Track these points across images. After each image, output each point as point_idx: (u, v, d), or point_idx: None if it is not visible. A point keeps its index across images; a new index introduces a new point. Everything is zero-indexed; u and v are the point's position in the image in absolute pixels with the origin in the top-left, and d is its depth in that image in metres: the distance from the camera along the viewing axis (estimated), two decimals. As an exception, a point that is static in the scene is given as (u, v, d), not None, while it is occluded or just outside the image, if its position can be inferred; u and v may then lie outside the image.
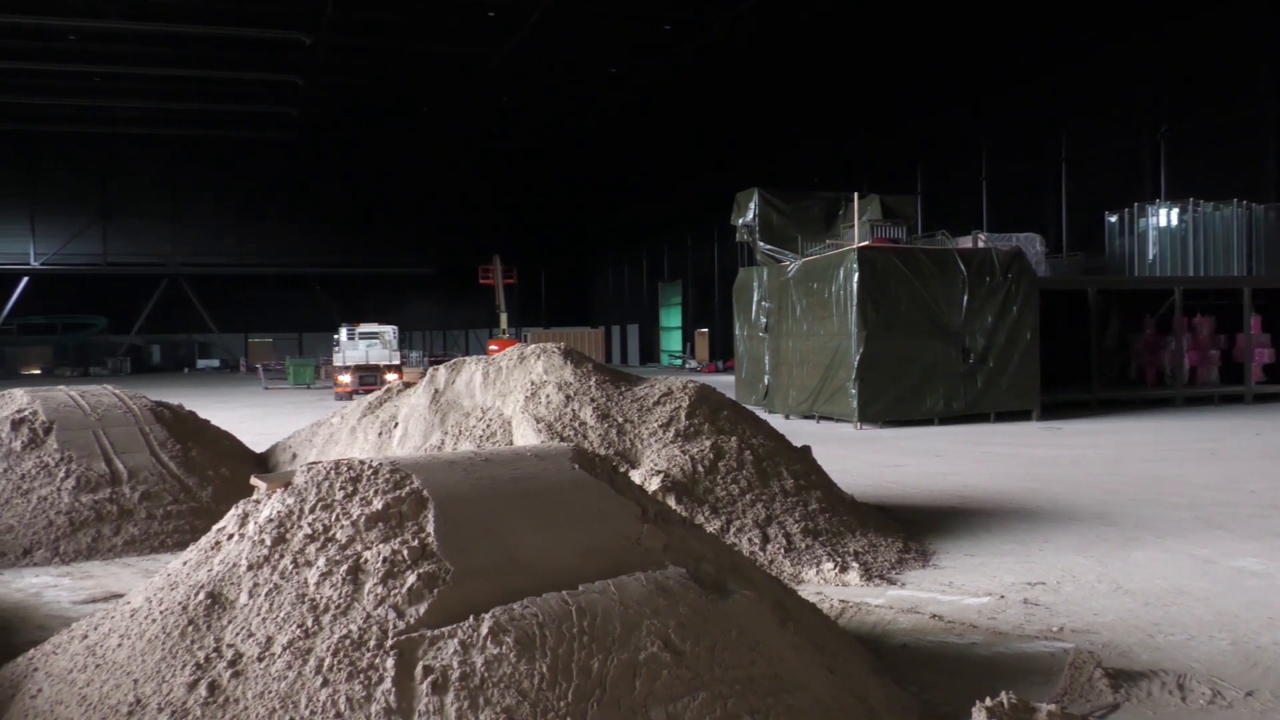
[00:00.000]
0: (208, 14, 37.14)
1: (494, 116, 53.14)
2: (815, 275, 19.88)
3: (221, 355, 62.75)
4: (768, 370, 22.12)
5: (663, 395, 8.62)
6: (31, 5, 35.74)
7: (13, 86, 46.73)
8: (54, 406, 9.46)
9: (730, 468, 7.70)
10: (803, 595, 5.38)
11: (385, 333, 33.27)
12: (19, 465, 8.62)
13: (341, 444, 10.36)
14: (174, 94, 48.59)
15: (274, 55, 41.99)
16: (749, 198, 23.02)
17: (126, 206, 60.72)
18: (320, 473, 4.22)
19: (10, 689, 4.09)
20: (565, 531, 4.17)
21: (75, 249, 60.17)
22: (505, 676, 3.34)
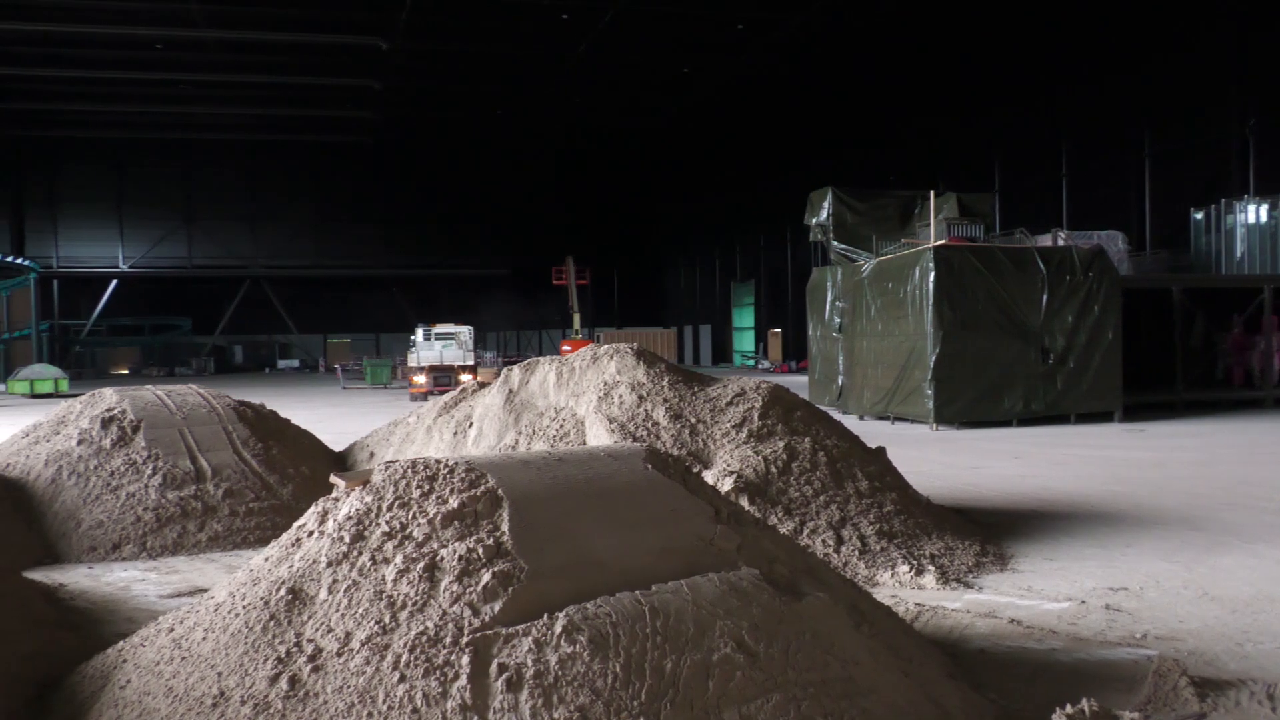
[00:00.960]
0: (289, 22, 37.94)
1: (567, 117, 53.44)
2: (890, 274, 19.66)
3: (301, 356, 63.98)
4: (842, 371, 21.93)
5: (736, 396, 8.59)
6: (122, 16, 36.84)
7: (103, 95, 48.20)
8: (142, 405, 9.72)
9: (804, 469, 7.65)
10: (877, 598, 5.32)
11: (461, 333, 33.14)
12: (109, 462, 8.87)
13: (418, 443, 10.50)
14: (256, 100, 49.68)
15: (352, 61, 42.72)
16: (823, 197, 22.85)
17: (210, 210, 62.24)
18: (398, 471, 4.27)
19: (100, 680, 4.21)
20: (638, 531, 4.18)
21: (161, 252, 61.84)
22: (579, 675, 3.36)
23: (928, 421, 18.31)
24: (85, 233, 60.97)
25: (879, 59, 38.60)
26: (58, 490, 8.63)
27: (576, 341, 44.55)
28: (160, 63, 43.17)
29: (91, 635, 5.59)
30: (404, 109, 51.30)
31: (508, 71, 45.03)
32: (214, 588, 4.64)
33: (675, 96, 48.49)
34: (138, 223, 61.51)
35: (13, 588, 5.86)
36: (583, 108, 51.36)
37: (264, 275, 62.57)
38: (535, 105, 50.64)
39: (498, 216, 64.25)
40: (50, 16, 36.87)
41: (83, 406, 9.82)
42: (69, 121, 53.57)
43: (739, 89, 45.82)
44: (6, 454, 9.53)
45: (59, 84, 46.31)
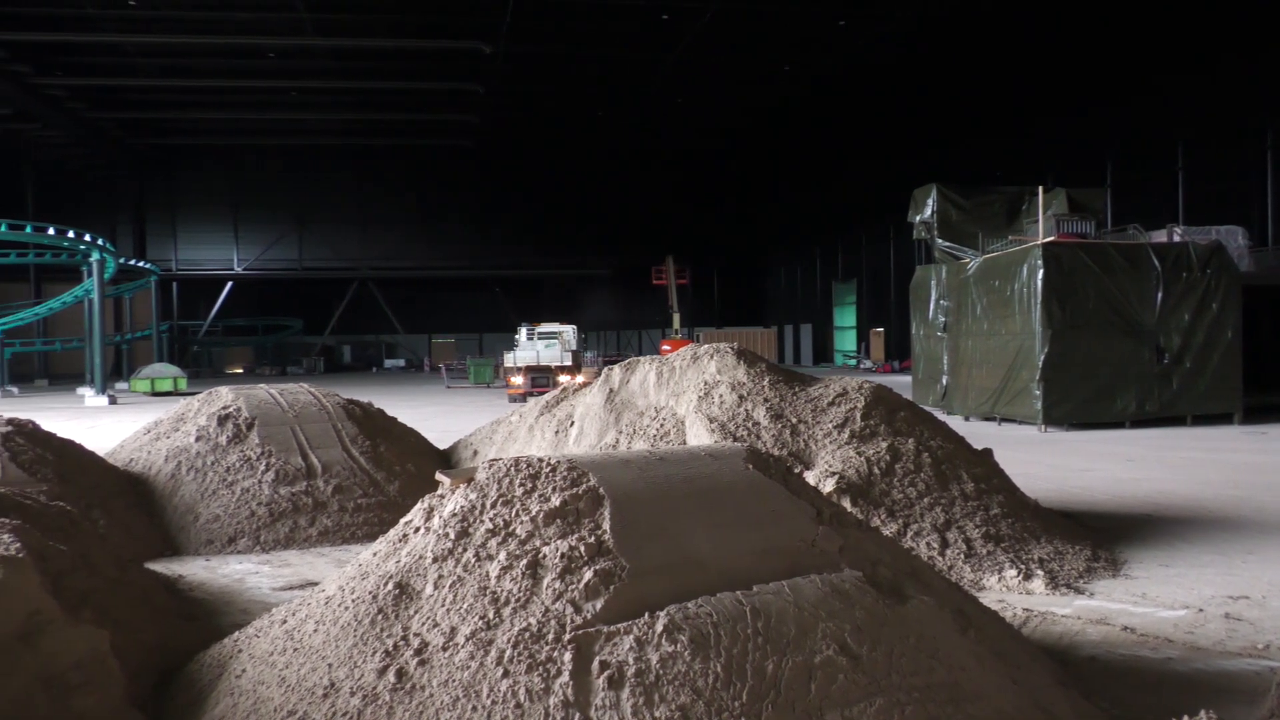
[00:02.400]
0: (395, 28, 38.73)
1: (667, 117, 53.48)
2: (997, 272, 19.26)
3: (407, 355, 65.28)
4: (946, 370, 21.55)
5: (837, 396, 8.50)
6: (237, 26, 38.06)
7: (219, 103, 49.84)
8: (255, 404, 10.02)
9: (907, 470, 7.54)
10: (984, 603, 5.21)
11: (565, 332, 32.60)
12: (225, 458, 9.17)
13: (520, 442, 10.62)
14: (363, 105, 50.81)
15: (455, 65, 43.39)
16: (927, 194, 22.48)
17: (320, 214, 63.91)
18: (501, 470, 4.33)
19: (218, 668, 4.36)
20: (739, 531, 4.16)
21: (274, 255, 63.73)
22: (680, 674, 3.36)
23: (1036, 423, 17.88)
24: (202, 237, 63.19)
25: (984, 52, 37.77)
26: (177, 485, 8.95)
27: (676, 341, 44.56)
28: (272, 71, 44.48)
29: (209, 625, 5.79)
30: (506, 112, 51.93)
31: (608, 73, 45.26)
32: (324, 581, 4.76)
33: (775, 94, 48.16)
34: (252, 226, 63.52)
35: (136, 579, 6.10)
36: (683, 107, 51.32)
37: (372, 277, 63.98)
38: (635, 106, 50.80)
39: (598, 217, 64.68)
40: (169, 28, 38.26)
41: (200, 404, 10.17)
42: (187, 130, 55.55)
43: (840, 86, 45.30)
44: (130, 450, 9.92)
45: (177, 93, 48.03)
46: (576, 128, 56.02)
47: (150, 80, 45.00)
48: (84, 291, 39.71)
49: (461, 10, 37.20)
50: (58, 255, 41.31)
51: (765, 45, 40.61)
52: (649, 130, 56.53)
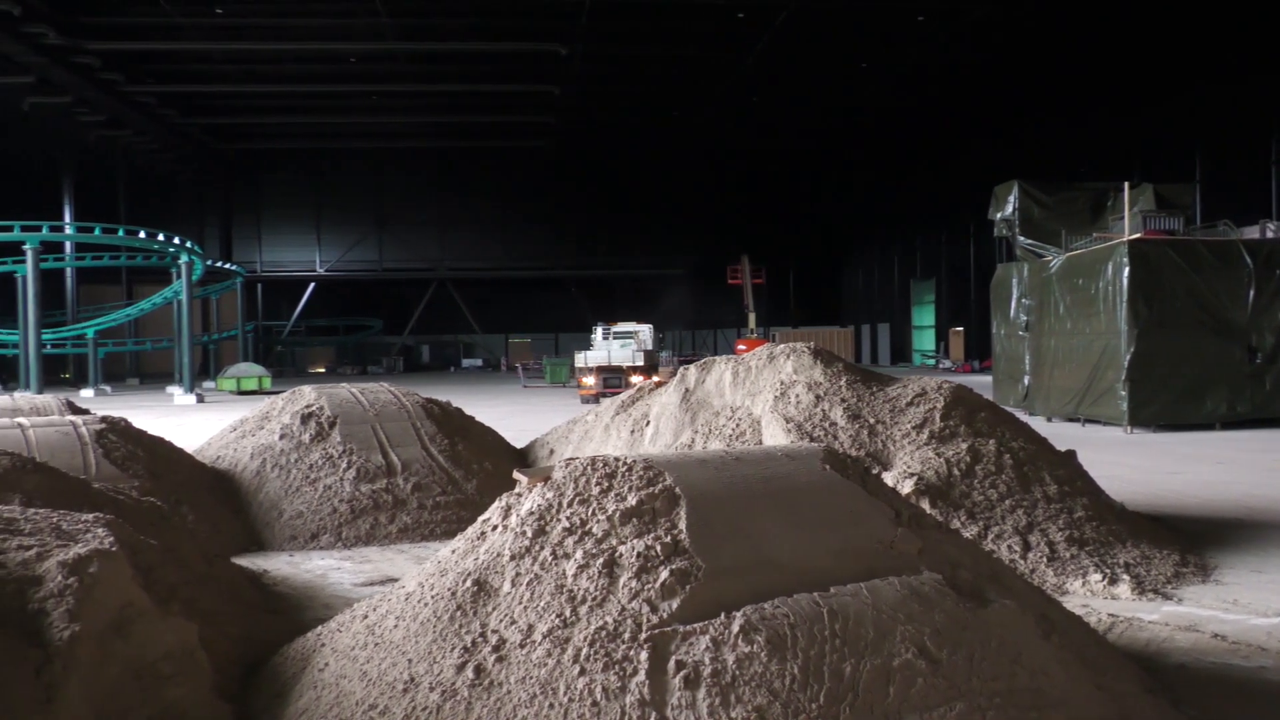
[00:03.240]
0: (473, 31, 39.18)
1: (743, 116, 53.30)
2: (1080, 270, 18.87)
3: (484, 355, 65.99)
4: (1028, 370, 21.17)
5: (916, 396, 8.39)
6: (320, 32, 38.83)
7: (302, 108, 50.90)
8: (337, 402, 10.21)
9: (988, 471, 7.41)
10: (1067, 607, 5.11)
11: (641, 331, 32.11)
12: (308, 456, 9.36)
13: (596, 441, 10.66)
14: (441, 108, 51.47)
15: (533, 68, 43.75)
16: (1008, 191, 22.10)
17: (399, 216, 64.91)
18: (578, 469, 4.35)
19: (301, 662, 4.45)
20: (816, 532, 4.13)
21: (355, 256, 64.88)
22: (756, 675, 3.35)
23: (1121, 424, 17.48)
24: (286, 239, 64.58)
25: (1066, 43, 36.97)
26: (262, 482, 9.15)
27: (752, 340, 44.38)
28: (354, 75, 45.29)
29: (293, 619, 5.91)
30: (582, 113, 52.21)
31: (684, 72, 45.26)
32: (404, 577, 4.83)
33: (853, 91, 47.74)
34: (333, 228, 64.74)
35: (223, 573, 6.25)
36: (759, 106, 51.12)
37: (450, 277, 64.80)
38: (711, 105, 50.72)
39: (674, 216, 64.70)
40: (254, 35, 39.17)
41: (284, 403, 10.39)
42: (271, 134, 56.82)
43: (919, 81, 44.73)
44: (217, 447, 10.18)
45: (262, 99, 49.15)
46: (652, 128, 56.11)
47: (236, 86, 46.12)
48: (173, 293, 40.84)
49: (538, 13, 37.51)
50: (148, 258, 42.57)
51: (842, 42, 40.26)
52: (724, 129, 56.39)
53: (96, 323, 42.99)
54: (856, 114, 51.89)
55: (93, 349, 41.87)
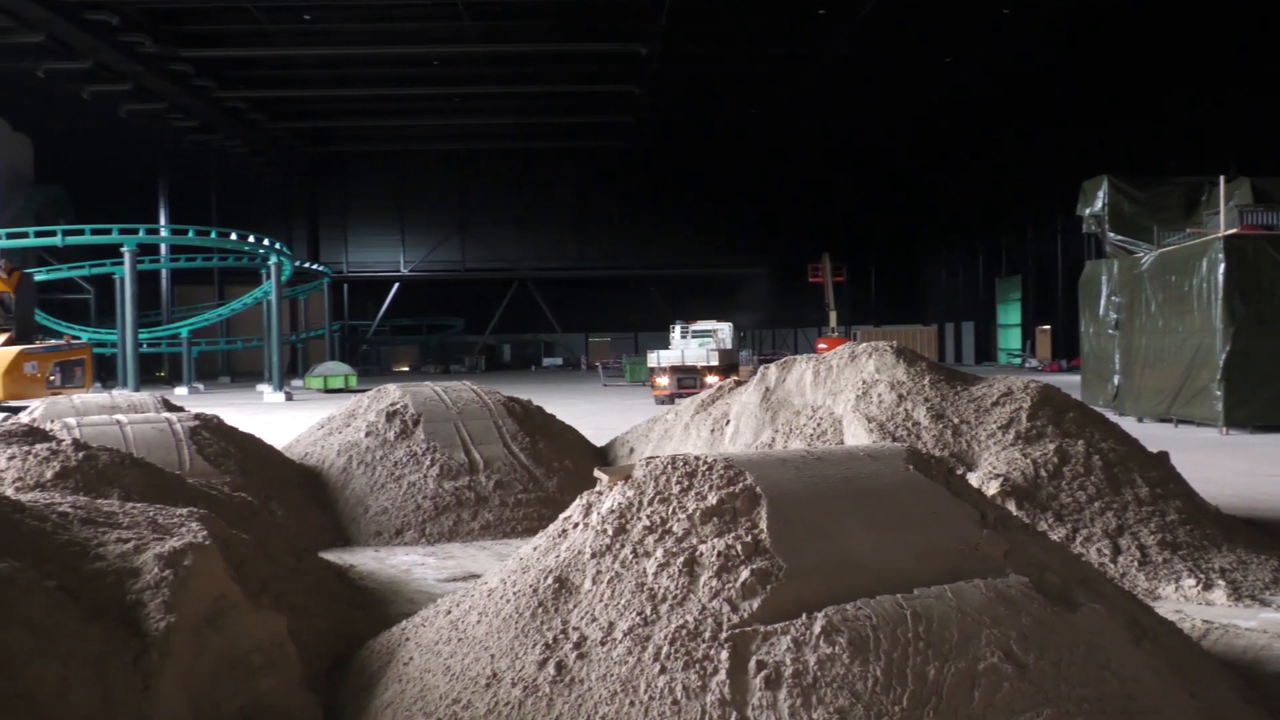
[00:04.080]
0: (554, 32, 39.49)
1: (824, 113, 52.91)
2: (1173, 267, 18.38)
3: (564, 354, 66.44)
4: (1118, 370, 20.67)
5: (1002, 395, 8.24)
6: (404, 36, 39.46)
7: (386, 111, 51.79)
8: (421, 400, 10.36)
9: (1077, 473, 7.25)
10: (1160, 613, 4.97)
11: (721, 330, 31.42)
12: (392, 453, 9.51)
13: (675, 440, 10.66)
14: (522, 109, 51.96)
15: (613, 68, 43.93)
16: (1097, 186, 21.59)
17: (481, 216, 65.67)
18: (658, 467, 4.36)
19: (386, 656, 4.53)
20: (899, 533, 4.09)
21: (438, 256, 65.80)
22: (838, 677, 3.32)
23: (1216, 425, 16.98)
24: (371, 240, 65.74)
25: (1157, 32, 35.97)
26: (348, 478, 9.33)
27: (833, 339, 44.00)
28: (436, 78, 45.94)
29: (378, 614, 6.01)
30: (662, 112, 52.28)
31: (764, 70, 45.07)
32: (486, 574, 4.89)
33: (936, 86, 47.06)
34: (417, 229, 65.74)
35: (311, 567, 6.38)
36: (840, 102, 50.68)
37: (531, 277, 65.35)
38: (792, 102, 50.41)
39: (754, 214, 64.42)
40: (341, 40, 39.96)
41: (370, 401, 10.57)
42: (356, 137, 57.91)
43: (1004, 75, 43.94)
44: (305, 444, 10.40)
45: (348, 102, 50.14)
46: (732, 126, 55.98)
47: (322, 90, 47.10)
48: (263, 293, 41.83)
49: (618, 13, 37.66)
50: (239, 259, 43.66)
51: (926, 37, 39.72)
52: (805, 126, 56.05)
53: (190, 323, 44.25)
54: (940, 108, 51.16)
55: (187, 348, 43.12)
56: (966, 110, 50.87)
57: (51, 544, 3.91)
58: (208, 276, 57.22)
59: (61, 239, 34.57)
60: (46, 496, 4.98)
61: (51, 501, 4.64)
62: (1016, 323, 53.37)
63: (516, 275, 65.42)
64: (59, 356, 17.64)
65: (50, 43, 35.72)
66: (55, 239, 34.68)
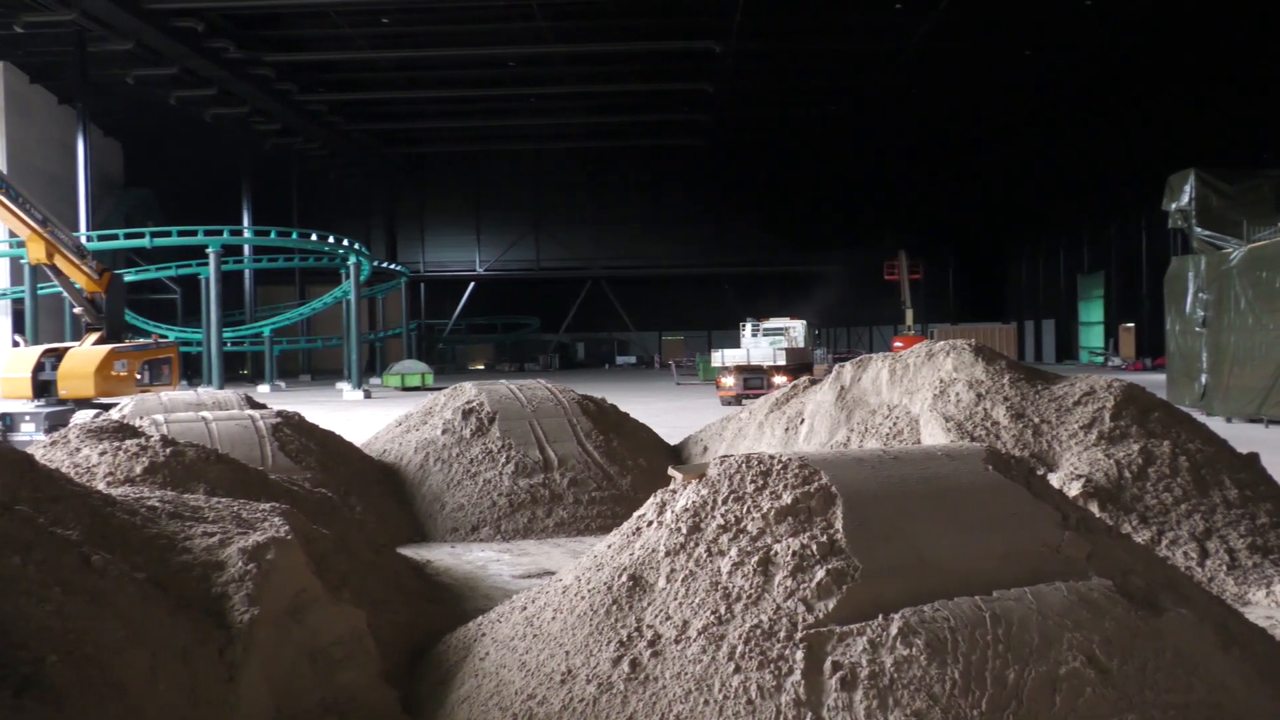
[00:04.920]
0: (628, 32, 39.58)
1: (901, 108, 52.26)
2: (1264, 263, 17.84)
3: (638, 352, 66.56)
4: (1205, 369, 20.12)
5: (1084, 395, 8.08)
6: (480, 38, 39.85)
7: (462, 112, 52.35)
8: (497, 398, 10.47)
9: (1162, 474, 7.08)
10: (1249, 618, 4.83)
11: (793, 328, 30.50)
12: (468, 451, 9.63)
13: (749, 439, 10.63)
14: (596, 109, 52.15)
15: (687, 66, 43.89)
16: (1183, 180, 21.02)
17: (555, 215, 66.07)
18: (732, 466, 4.35)
19: (463, 650, 4.59)
20: (978, 534, 4.03)
21: (513, 255, 66.36)
22: (915, 679, 3.28)
23: (1310, 426, 16.47)
24: (447, 239, 66.53)
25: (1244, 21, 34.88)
26: (425, 475, 9.46)
27: (909, 338, 43.45)
28: (512, 79, 46.33)
29: (455, 609, 6.09)
30: (736, 110, 52.08)
31: (840, 66, 44.66)
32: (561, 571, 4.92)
33: (1016, 80, 46.21)
34: (492, 229, 66.36)
35: (389, 562, 6.49)
36: (917, 98, 50.03)
37: (604, 275, 65.58)
38: (868, 99, 49.90)
39: (829, 211, 63.86)
40: (418, 43, 40.48)
41: (446, 399, 10.71)
42: (433, 138, 58.61)
43: (1085, 66, 42.97)
44: (383, 441, 10.57)
45: (425, 104, 50.76)
46: (807, 122, 55.57)
47: (400, 92, 47.76)
48: (342, 293, 42.54)
49: (693, 11, 37.60)
50: (319, 259, 44.47)
51: (1005, 29, 39.02)
52: (881, 122, 55.42)
53: (272, 322, 45.19)
54: (1020, 102, 50.22)
55: (269, 347, 44.07)
56: (1047, 104, 49.84)
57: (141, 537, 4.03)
58: (289, 276, 58.35)
59: (150, 240, 35.53)
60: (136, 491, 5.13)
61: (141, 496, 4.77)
62: (1099, 320, 52.21)
63: (590, 274, 65.69)
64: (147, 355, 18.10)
65: (139, 50, 36.75)
66: (144, 241, 35.67)
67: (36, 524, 3.47)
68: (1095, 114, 47.93)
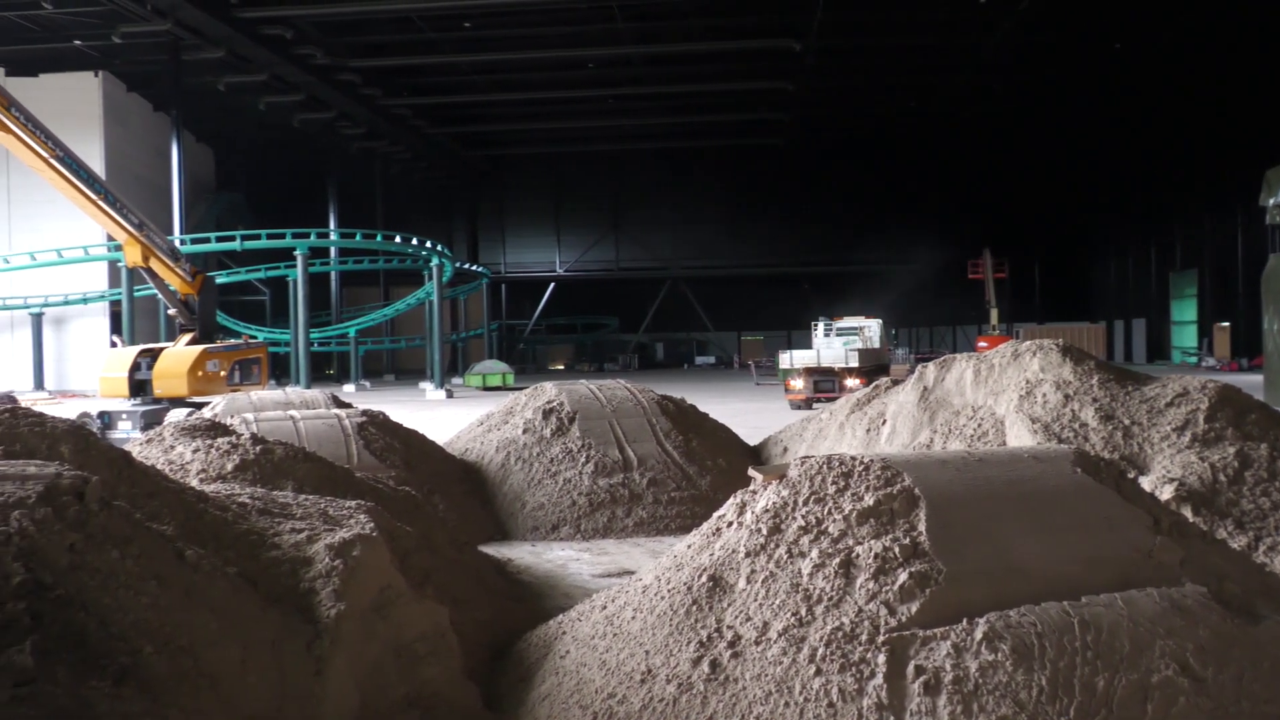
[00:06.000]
0: (708, 32, 39.55)
1: (984, 104, 51.41)
2: (1369, 259, 17.18)
3: (716, 352, 66.42)
4: (1306, 369, 19.45)
5: (1177, 396, 7.86)
6: (561, 40, 40.17)
7: (543, 114, 52.83)
8: (576, 398, 10.53)
9: (1260, 478, 6.85)
10: (1354, 629, 4.65)
11: (868, 327, 29.14)
12: (549, 450, 9.70)
13: (830, 439, 10.54)
14: (675, 109, 52.23)
15: (766, 65, 43.72)
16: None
17: (635, 215, 66.28)
18: (813, 467, 4.32)
19: (543, 648, 4.63)
20: (1066, 538, 3.94)
21: (592, 256, 66.73)
22: (1000, 685, 3.23)
23: None
24: (528, 241, 67.16)
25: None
26: (506, 474, 9.56)
27: (994, 338, 42.70)
28: (591, 80, 46.62)
29: (535, 607, 6.14)
30: (816, 107, 51.74)
31: (922, 63, 44.12)
32: (641, 570, 4.94)
33: (1104, 73, 45.16)
34: (572, 230, 66.82)
35: (471, 560, 6.57)
36: (1000, 94, 49.18)
37: (683, 275, 65.59)
38: (950, 94, 49.17)
39: (911, 209, 62.98)
40: (500, 47, 40.95)
41: (527, 399, 10.80)
42: (514, 140, 59.23)
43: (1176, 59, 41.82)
44: (465, 440, 10.70)
45: (506, 106, 51.32)
46: (888, 119, 54.99)
47: (482, 96, 48.37)
48: (425, 294, 43.16)
49: (772, 9, 37.44)
50: (403, 261, 45.17)
51: (1093, 22, 38.16)
52: (964, 118, 54.58)
53: (357, 322, 46.02)
54: (1107, 96, 49.06)
55: (354, 347, 44.87)
56: (1138, 96, 48.62)
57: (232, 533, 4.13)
58: (374, 278, 59.35)
59: (240, 243, 36.45)
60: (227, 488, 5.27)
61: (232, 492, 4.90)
62: (1192, 319, 50.75)
63: (669, 274, 65.76)
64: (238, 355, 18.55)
65: (230, 57, 37.72)
66: (234, 244, 36.60)
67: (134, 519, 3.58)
68: (1187, 107, 46.60)
